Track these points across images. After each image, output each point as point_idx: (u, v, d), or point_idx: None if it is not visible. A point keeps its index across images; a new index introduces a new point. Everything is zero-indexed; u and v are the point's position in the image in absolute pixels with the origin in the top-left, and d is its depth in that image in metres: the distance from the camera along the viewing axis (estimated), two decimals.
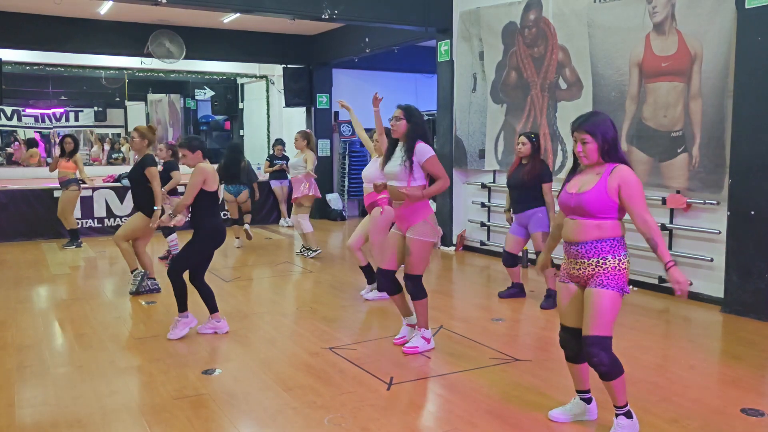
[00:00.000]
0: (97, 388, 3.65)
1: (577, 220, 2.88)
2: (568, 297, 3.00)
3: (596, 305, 2.82)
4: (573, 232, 2.90)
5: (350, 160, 11.42)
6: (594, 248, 2.84)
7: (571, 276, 2.96)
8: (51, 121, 17.85)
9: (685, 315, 5.16)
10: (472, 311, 5.33)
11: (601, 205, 2.81)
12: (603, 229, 2.83)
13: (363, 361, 4.05)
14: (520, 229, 5.42)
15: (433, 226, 4.15)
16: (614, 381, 2.86)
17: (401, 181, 4.08)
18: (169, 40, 9.71)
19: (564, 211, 2.99)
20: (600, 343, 2.82)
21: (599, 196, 2.81)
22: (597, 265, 2.84)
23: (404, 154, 4.08)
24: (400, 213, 4.19)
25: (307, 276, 6.81)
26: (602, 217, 2.83)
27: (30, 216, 8.93)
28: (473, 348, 4.30)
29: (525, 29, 7.19)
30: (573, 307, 2.98)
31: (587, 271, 2.87)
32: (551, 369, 3.89)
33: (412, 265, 4.14)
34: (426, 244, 4.13)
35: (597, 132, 2.83)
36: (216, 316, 4.65)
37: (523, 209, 5.34)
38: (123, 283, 6.51)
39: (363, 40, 9.71)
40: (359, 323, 5.11)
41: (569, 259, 2.94)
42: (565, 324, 3.04)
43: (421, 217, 4.11)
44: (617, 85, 6.20)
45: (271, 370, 3.92)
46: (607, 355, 2.82)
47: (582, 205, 2.84)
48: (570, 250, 2.92)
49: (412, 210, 4.11)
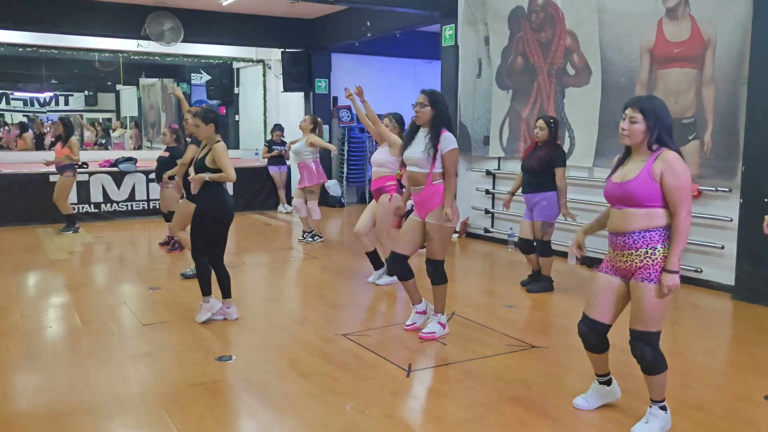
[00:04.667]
0: (109, 376, 3.57)
1: (624, 210, 2.77)
2: (606, 289, 2.88)
3: (643, 300, 2.73)
4: (619, 222, 2.79)
5: (349, 146, 11.30)
6: (642, 238, 2.73)
7: (617, 268, 2.85)
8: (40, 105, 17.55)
9: (694, 302, 5.15)
10: (481, 297, 5.28)
11: (648, 193, 2.69)
12: (652, 218, 2.72)
13: (378, 347, 3.99)
14: (529, 213, 5.39)
15: (453, 210, 4.10)
16: (655, 376, 2.82)
17: (423, 168, 4.02)
18: (166, 22, 9.51)
19: (609, 202, 2.88)
20: (645, 338, 2.76)
21: (644, 183, 2.70)
22: (646, 256, 2.73)
23: (429, 141, 4.01)
24: (419, 199, 4.13)
25: (311, 262, 6.73)
26: (650, 205, 2.71)
27: (25, 201, 8.76)
28: (489, 335, 4.26)
29: (532, 14, 7.10)
30: (607, 300, 2.88)
31: (635, 263, 2.76)
32: (570, 356, 3.85)
33: (433, 250, 4.10)
34: (446, 229, 4.08)
35: (651, 113, 2.70)
36: (228, 302, 4.57)
37: (531, 191, 5.31)
38: (122, 268, 6.41)
39: (364, 23, 9.56)
40: (369, 309, 5.05)
41: (615, 251, 2.83)
42: (590, 315, 2.93)
43: (440, 202, 4.06)
44: (627, 71, 6.14)
45: (286, 356, 3.86)
46: (651, 351, 2.76)
47: (628, 195, 2.74)
48: (616, 241, 2.82)
49: (430, 194, 4.06)
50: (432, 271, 4.14)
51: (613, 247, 2.85)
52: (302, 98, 11.51)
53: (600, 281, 2.91)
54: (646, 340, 2.76)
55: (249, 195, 10.34)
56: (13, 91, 17.14)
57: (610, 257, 2.90)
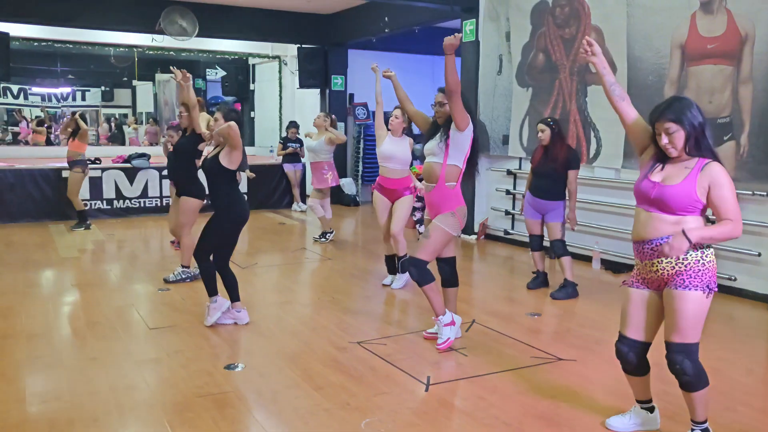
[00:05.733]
0: (113, 383, 3.40)
1: (653, 214, 2.56)
2: (638, 304, 2.67)
3: (680, 309, 2.52)
4: (646, 229, 2.58)
5: (365, 143, 11.10)
6: None
7: (647, 280, 2.64)
8: (58, 100, 17.57)
9: (729, 313, 4.88)
10: (502, 305, 5.05)
11: (685, 203, 2.50)
12: (680, 225, 2.51)
13: (395, 357, 3.79)
14: (536, 213, 5.22)
15: (459, 219, 3.89)
16: (697, 393, 2.58)
17: (438, 157, 3.86)
18: (181, 16, 9.37)
19: (639, 200, 2.65)
20: (685, 351, 2.53)
21: (686, 192, 2.49)
22: (677, 263, 2.52)
23: (442, 132, 3.87)
24: (430, 200, 3.93)
25: (324, 263, 6.54)
26: (681, 213, 2.52)
27: (37, 196, 8.67)
28: (511, 346, 4.04)
29: (557, 8, 6.84)
30: (642, 316, 2.67)
31: (666, 271, 2.56)
32: (600, 370, 3.62)
33: (422, 247, 3.84)
34: (444, 234, 3.85)
35: (683, 118, 2.49)
36: (237, 306, 4.39)
37: (543, 197, 5.11)
38: (133, 268, 6.27)
39: (382, 19, 9.35)
40: (385, 315, 4.84)
41: (644, 261, 2.62)
42: (627, 335, 2.71)
43: (450, 207, 3.86)
44: (656, 68, 5.87)
45: (298, 365, 3.66)
46: (692, 365, 2.54)
47: (664, 199, 2.52)
48: (644, 249, 2.60)
49: (441, 198, 3.87)
50: (415, 272, 3.81)
51: (640, 256, 2.63)
52: (318, 95, 11.33)
53: (632, 297, 2.70)
54: (686, 353, 2.53)
55: (263, 193, 10.18)
56: (31, 87, 17.18)
57: (638, 269, 2.68)
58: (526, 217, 5.32)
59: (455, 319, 3.98)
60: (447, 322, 3.93)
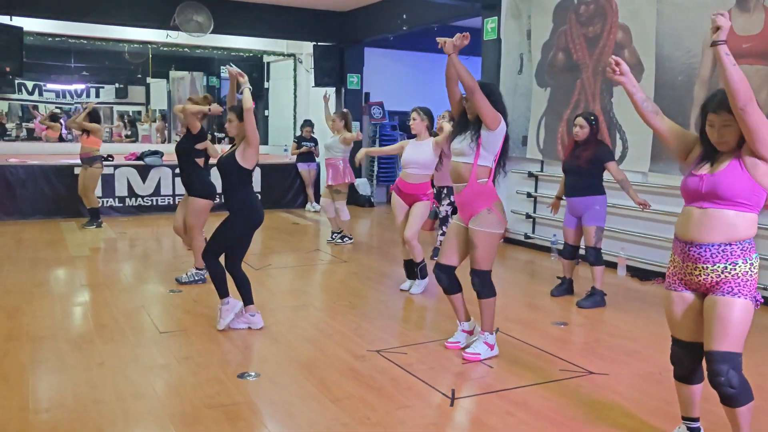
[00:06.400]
0: (120, 390, 3.23)
1: (707, 211, 2.37)
2: (682, 307, 2.51)
3: (725, 316, 2.34)
4: (697, 229, 2.38)
5: (381, 143, 10.91)
6: (722, 252, 2.35)
7: (687, 282, 2.46)
8: (72, 97, 17.54)
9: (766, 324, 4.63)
10: (525, 312, 4.84)
11: (739, 185, 2.31)
12: (736, 228, 2.34)
13: (416, 368, 3.59)
14: (572, 220, 5.01)
15: (498, 214, 3.69)
16: (741, 408, 2.38)
17: (467, 157, 3.65)
18: (196, 12, 9.23)
19: (689, 199, 2.46)
20: (730, 360, 2.33)
21: (735, 173, 2.32)
22: (725, 271, 2.35)
23: (473, 130, 3.64)
24: (461, 199, 3.73)
25: (339, 265, 6.36)
26: (740, 202, 2.33)
27: (49, 193, 8.57)
28: (539, 357, 3.83)
29: (581, 6, 6.62)
30: (689, 318, 2.50)
31: (711, 278, 2.38)
32: (634, 385, 3.41)
33: (477, 259, 3.68)
34: (492, 236, 3.67)
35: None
36: (250, 309, 4.22)
37: (578, 194, 4.88)
38: (144, 268, 6.12)
39: (400, 16, 9.16)
40: (404, 322, 4.65)
41: (686, 263, 2.44)
42: (680, 338, 2.55)
43: (484, 204, 3.66)
44: (686, 68, 5.64)
45: (314, 375, 3.48)
46: (736, 376, 2.33)
47: (717, 187, 2.34)
48: (689, 251, 2.41)
49: (474, 195, 3.65)
50: (478, 283, 3.72)
51: (682, 257, 2.45)
52: (333, 94, 11.15)
53: (673, 301, 2.53)
54: (731, 363, 2.33)
55: (277, 192, 10.03)
56: (46, 83, 17.16)
57: (677, 269, 2.50)
58: (564, 224, 5.13)
59: (497, 348, 3.79)
60: (490, 342, 3.76)
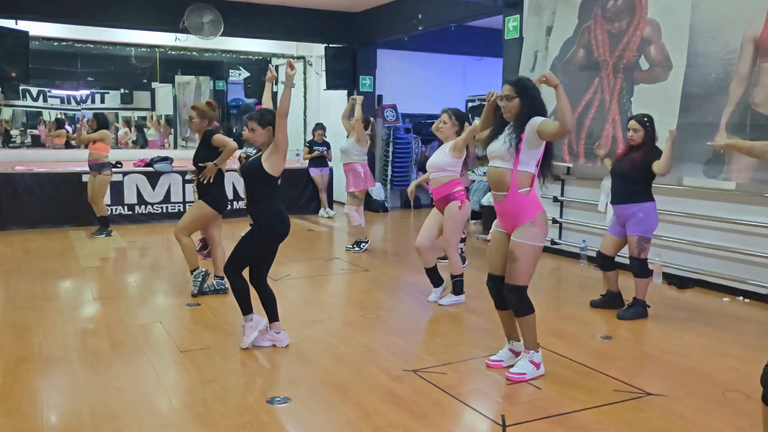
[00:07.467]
0: (142, 421, 2.97)
1: None
2: None
3: None
4: None
5: (394, 147, 10.66)
6: None
7: None
8: (77, 103, 17.34)
9: None
10: (565, 324, 4.56)
11: None
12: None
13: (459, 390, 3.33)
14: (618, 228, 4.73)
15: (542, 226, 3.44)
16: None
17: (506, 162, 3.40)
18: (206, 14, 9.00)
19: None
20: None
21: None
22: None
23: (512, 133, 3.40)
24: (501, 209, 3.49)
25: (360, 275, 6.09)
26: None
27: (57, 201, 8.32)
28: (588, 376, 3.56)
29: (609, 1, 6.35)
30: None
31: None
32: (699, 407, 3.13)
33: (516, 272, 3.42)
34: (534, 249, 3.43)
35: None
36: (276, 326, 3.96)
37: (623, 201, 4.62)
38: (158, 279, 5.86)
39: (415, 16, 8.91)
40: (437, 336, 4.37)
41: None
42: None
43: (529, 215, 3.41)
44: (721, 64, 5.35)
45: (350, 399, 3.21)
46: None
47: None
48: None
49: (516, 206, 3.40)
50: (515, 300, 3.46)
51: None
52: (345, 96, 10.90)
53: None
54: None
55: (289, 198, 9.75)
56: (51, 89, 16.97)
57: None
58: (608, 231, 4.88)
59: (543, 366, 3.53)
60: (536, 361, 3.50)
